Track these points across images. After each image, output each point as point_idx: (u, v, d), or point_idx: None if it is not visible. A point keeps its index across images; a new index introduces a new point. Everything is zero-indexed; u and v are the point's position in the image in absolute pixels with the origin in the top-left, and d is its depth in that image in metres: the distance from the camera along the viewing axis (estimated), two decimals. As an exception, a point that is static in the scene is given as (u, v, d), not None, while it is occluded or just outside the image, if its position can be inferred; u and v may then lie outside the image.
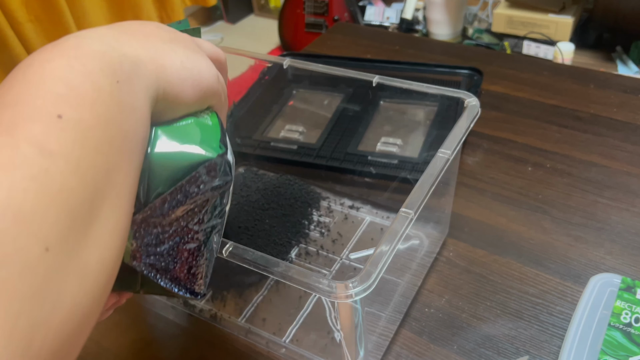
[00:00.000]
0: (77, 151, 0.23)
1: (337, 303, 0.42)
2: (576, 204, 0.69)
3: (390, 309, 0.57)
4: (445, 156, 0.48)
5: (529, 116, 0.85)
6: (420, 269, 0.62)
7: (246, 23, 2.80)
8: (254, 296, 0.61)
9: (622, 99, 0.86)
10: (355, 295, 0.38)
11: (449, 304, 0.59)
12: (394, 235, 0.41)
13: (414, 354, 0.55)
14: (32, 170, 0.21)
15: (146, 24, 0.33)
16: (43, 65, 0.24)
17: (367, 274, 0.38)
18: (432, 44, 1.18)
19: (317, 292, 0.39)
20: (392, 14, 2.38)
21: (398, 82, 0.60)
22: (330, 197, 0.72)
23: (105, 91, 0.25)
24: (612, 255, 0.62)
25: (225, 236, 0.43)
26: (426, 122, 0.77)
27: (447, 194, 0.63)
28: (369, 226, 0.68)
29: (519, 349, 0.54)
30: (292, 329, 0.57)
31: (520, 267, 0.62)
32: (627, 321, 0.52)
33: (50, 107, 0.23)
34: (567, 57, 1.88)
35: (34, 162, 0.21)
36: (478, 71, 0.85)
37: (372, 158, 0.73)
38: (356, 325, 0.44)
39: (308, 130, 0.80)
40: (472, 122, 0.52)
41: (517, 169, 0.75)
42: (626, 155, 0.75)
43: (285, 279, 0.40)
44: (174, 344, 0.59)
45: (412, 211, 0.43)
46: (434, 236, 0.65)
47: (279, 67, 0.67)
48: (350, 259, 0.64)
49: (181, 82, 0.31)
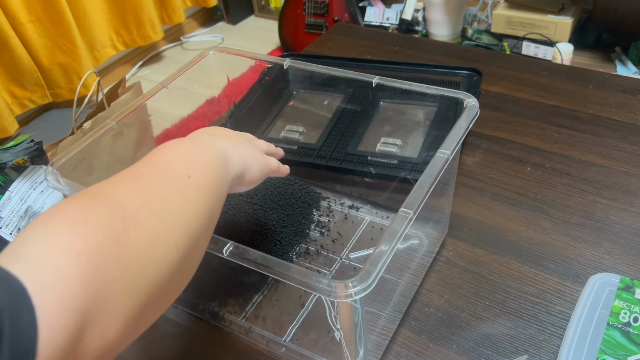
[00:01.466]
0: (198, 196, 0.38)
1: (337, 302, 0.42)
2: (575, 203, 0.69)
3: (390, 308, 0.57)
4: (445, 156, 0.48)
5: (528, 116, 0.85)
6: (420, 268, 0.62)
7: (247, 24, 2.80)
8: (255, 296, 0.61)
9: (621, 99, 0.86)
10: (355, 294, 0.38)
11: (449, 303, 0.59)
12: (393, 235, 0.41)
13: (414, 353, 0.55)
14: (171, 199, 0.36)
15: (215, 128, 0.50)
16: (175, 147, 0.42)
17: (366, 273, 0.39)
18: (431, 44, 1.18)
19: (317, 292, 0.39)
20: (391, 14, 2.38)
21: (398, 82, 0.60)
22: (330, 197, 0.72)
23: (213, 165, 0.42)
24: (611, 255, 0.62)
25: (226, 236, 0.43)
26: (426, 122, 0.77)
27: (446, 194, 0.63)
28: (368, 226, 0.68)
29: (518, 348, 0.54)
30: (292, 328, 0.57)
31: (519, 267, 0.62)
32: (625, 320, 0.52)
33: (183, 170, 0.39)
34: (566, 58, 1.88)
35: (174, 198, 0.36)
36: (477, 72, 0.85)
37: (372, 158, 0.73)
38: (356, 325, 0.45)
39: (308, 130, 0.80)
40: (471, 122, 0.53)
41: (516, 169, 0.75)
42: (625, 155, 0.76)
43: (285, 278, 0.40)
44: (175, 342, 0.59)
45: (411, 211, 0.43)
46: (434, 236, 0.66)
47: (279, 67, 0.67)
48: (350, 259, 0.64)
49: (254, 169, 0.49)
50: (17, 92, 1.96)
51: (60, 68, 2.02)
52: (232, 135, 0.50)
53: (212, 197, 0.39)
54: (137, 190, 0.35)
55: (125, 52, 2.44)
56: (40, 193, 0.65)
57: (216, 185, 0.41)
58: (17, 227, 0.62)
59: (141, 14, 2.26)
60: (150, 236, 0.32)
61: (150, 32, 2.32)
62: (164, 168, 0.39)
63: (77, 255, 0.27)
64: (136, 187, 0.35)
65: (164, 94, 0.64)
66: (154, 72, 2.49)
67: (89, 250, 0.28)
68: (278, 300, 0.60)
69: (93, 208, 0.31)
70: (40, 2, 1.90)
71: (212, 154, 0.43)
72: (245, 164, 0.47)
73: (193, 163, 0.40)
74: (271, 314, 0.59)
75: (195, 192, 0.38)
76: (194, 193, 0.38)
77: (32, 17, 1.90)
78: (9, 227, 0.61)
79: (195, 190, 0.38)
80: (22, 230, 0.29)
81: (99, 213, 0.31)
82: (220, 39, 2.67)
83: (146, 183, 0.36)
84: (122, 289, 0.30)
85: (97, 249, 0.29)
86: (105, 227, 0.30)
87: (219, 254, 0.43)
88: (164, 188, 0.36)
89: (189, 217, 0.36)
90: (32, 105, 2.02)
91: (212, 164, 0.42)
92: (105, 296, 0.28)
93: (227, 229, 0.63)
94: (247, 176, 0.48)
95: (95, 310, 0.28)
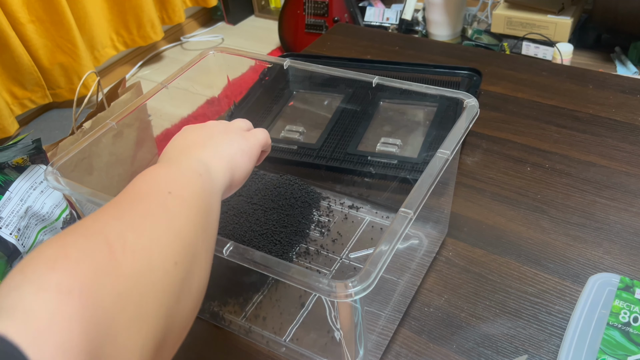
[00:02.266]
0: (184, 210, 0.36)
1: (337, 302, 0.42)
2: (575, 203, 0.69)
3: (390, 308, 0.57)
4: (445, 156, 0.48)
5: (528, 116, 0.85)
6: (420, 268, 0.62)
7: (247, 24, 2.80)
8: (254, 295, 0.61)
9: (621, 100, 0.86)
10: (355, 294, 0.38)
11: (448, 303, 0.59)
12: (393, 235, 0.41)
13: (413, 352, 0.55)
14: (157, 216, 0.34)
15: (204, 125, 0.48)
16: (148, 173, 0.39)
17: (366, 273, 0.39)
18: (431, 44, 1.18)
19: (317, 292, 0.39)
20: (391, 14, 2.38)
21: (397, 82, 0.60)
22: (330, 197, 0.72)
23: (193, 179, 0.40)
24: (611, 254, 0.62)
25: (226, 236, 0.43)
26: (426, 122, 0.77)
27: (446, 194, 0.63)
28: (368, 226, 0.68)
29: (517, 348, 0.54)
30: (292, 328, 0.57)
31: (519, 267, 0.62)
32: (625, 320, 0.52)
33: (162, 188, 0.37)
34: (566, 58, 1.88)
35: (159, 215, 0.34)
36: (477, 72, 0.85)
37: (372, 158, 0.73)
38: (356, 325, 0.45)
39: (308, 130, 0.80)
40: (471, 123, 0.53)
41: (516, 169, 0.75)
42: (625, 155, 0.76)
43: (285, 278, 0.40)
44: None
45: (411, 211, 0.43)
46: (433, 236, 0.66)
47: (279, 67, 0.67)
48: (350, 259, 0.64)
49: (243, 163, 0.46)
50: (18, 92, 1.96)
51: (60, 68, 2.02)
52: (205, 136, 0.46)
53: (201, 210, 0.37)
54: (115, 216, 0.32)
55: (125, 52, 2.44)
56: (40, 193, 0.65)
57: (201, 197, 0.38)
58: (17, 227, 0.62)
59: (141, 14, 2.27)
60: (143, 255, 0.30)
61: (150, 32, 2.32)
62: (142, 192, 0.36)
63: (68, 292, 0.25)
64: (114, 214, 0.33)
65: (164, 94, 0.64)
66: (154, 72, 2.49)
67: (79, 285, 0.25)
68: (278, 300, 0.60)
69: (70, 243, 0.28)
70: (41, 3, 1.90)
71: (190, 169, 0.41)
72: (230, 164, 0.44)
73: (171, 181, 0.38)
74: (271, 313, 0.59)
75: (180, 207, 0.35)
76: (179, 208, 0.35)
77: (32, 17, 1.90)
78: (9, 227, 0.61)
79: (179, 205, 0.36)
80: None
81: (79, 245, 0.28)
82: (220, 39, 2.67)
83: (125, 208, 0.34)
84: (129, 319, 0.27)
85: (87, 281, 0.26)
86: (90, 256, 0.27)
87: (219, 254, 0.43)
88: (145, 208, 0.34)
89: (180, 231, 0.34)
90: (32, 105, 2.02)
91: (192, 178, 0.40)
92: (112, 331, 0.26)
93: (227, 229, 0.63)
94: (237, 173, 0.45)
95: (104, 350, 0.25)
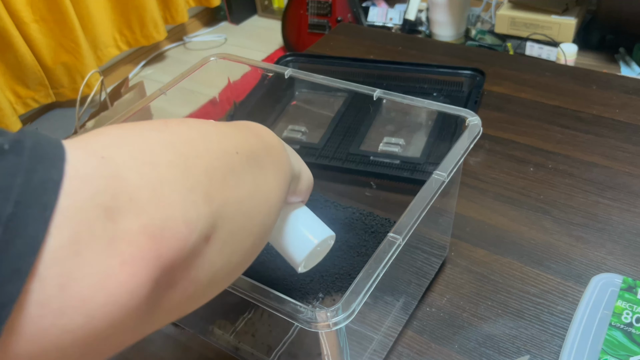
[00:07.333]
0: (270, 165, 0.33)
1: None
2: (578, 204, 0.69)
3: (397, 309, 0.57)
4: (441, 179, 0.46)
5: (531, 117, 0.85)
6: (429, 270, 0.62)
7: (250, 24, 2.81)
8: (245, 311, 0.59)
9: (625, 100, 0.86)
10: (334, 325, 0.35)
11: (450, 303, 0.59)
12: (379, 262, 0.38)
13: (415, 352, 0.55)
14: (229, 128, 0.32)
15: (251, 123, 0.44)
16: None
17: (347, 302, 0.36)
18: (434, 44, 1.18)
19: (297, 322, 0.36)
20: (395, 15, 2.38)
21: (399, 97, 0.58)
22: (331, 197, 0.72)
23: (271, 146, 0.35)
24: (614, 255, 0.62)
25: None
26: (428, 122, 0.77)
27: (450, 195, 0.63)
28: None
29: (520, 349, 0.54)
30: (282, 345, 0.55)
31: (521, 267, 0.62)
32: (628, 321, 0.52)
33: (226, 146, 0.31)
34: (570, 59, 1.88)
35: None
36: (481, 72, 0.85)
37: (375, 158, 0.73)
38: (341, 350, 0.42)
39: (310, 130, 0.80)
40: (471, 143, 0.50)
41: (519, 169, 0.75)
42: (628, 156, 0.76)
43: (263, 304, 0.38)
44: (176, 342, 0.59)
45: (400, 237, 0.40)
46: (436, 236, 0.65)
47: (282, 68, 0.67)
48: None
49: (305, 176, 0.42)
50: (21, 91, 1.96)
51: (63, 67, 2.03)
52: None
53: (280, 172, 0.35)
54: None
55: (128, 52, 2.44)
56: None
57: (283, 167, 0.35)
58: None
59: (144, 14, 2.27)
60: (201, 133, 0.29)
61: (153, 32, 2.32)
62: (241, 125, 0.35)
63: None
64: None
65: (167, 93, 0.64)
66: (157, 71, 2.49)
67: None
68: (267, 317, 0.57)
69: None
70: (44, 2, 1.90)
71: (266, 137, 0.36)
72: (298, 164, 0.40)
73: (237, 140, 0.33)
74: (260, 331, 0.56)
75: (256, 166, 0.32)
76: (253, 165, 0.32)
77: (36, 16, 1.91)
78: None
79: (257, 166, 0.32)
80: None
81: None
82: (223, 39, 2.68)
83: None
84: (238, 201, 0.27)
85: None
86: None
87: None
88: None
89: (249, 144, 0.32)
90: (36, 105, 2.02)
91: (272, 142, 0.36)
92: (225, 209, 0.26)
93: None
94: (301, 181, 0.41)
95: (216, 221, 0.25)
